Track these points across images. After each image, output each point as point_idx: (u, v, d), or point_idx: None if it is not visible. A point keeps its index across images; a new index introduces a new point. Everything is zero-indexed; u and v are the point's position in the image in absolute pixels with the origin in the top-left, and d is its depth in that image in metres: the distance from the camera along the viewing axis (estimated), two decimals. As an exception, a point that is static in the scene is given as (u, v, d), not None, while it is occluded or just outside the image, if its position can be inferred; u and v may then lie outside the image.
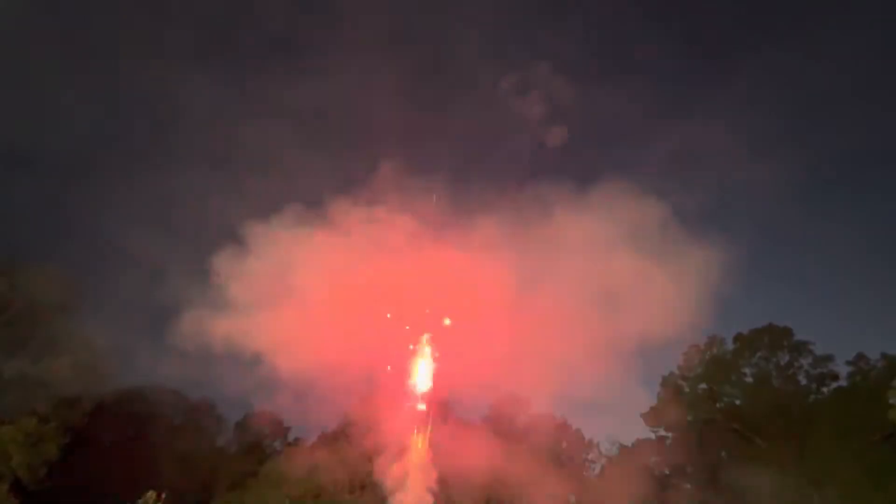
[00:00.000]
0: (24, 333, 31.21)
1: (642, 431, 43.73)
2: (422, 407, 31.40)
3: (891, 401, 30.09)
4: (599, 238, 30.42)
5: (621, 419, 43.87)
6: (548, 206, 31.08)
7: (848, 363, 37.50)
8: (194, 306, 29.42)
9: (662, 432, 42.61)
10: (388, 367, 31.49)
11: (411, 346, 31.32)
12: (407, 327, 31.38)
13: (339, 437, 42.31)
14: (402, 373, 34.03)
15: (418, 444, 31.85)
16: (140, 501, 26.24)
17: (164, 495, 26.08)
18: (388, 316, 30.80)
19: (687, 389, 40.07)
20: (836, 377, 37.89)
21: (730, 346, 40.30)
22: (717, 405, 39.67)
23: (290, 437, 45.59)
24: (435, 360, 33.25)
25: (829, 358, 38.16)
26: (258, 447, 42.11)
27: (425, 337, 32.90)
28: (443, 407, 44.12)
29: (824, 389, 38.13)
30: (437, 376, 33.66)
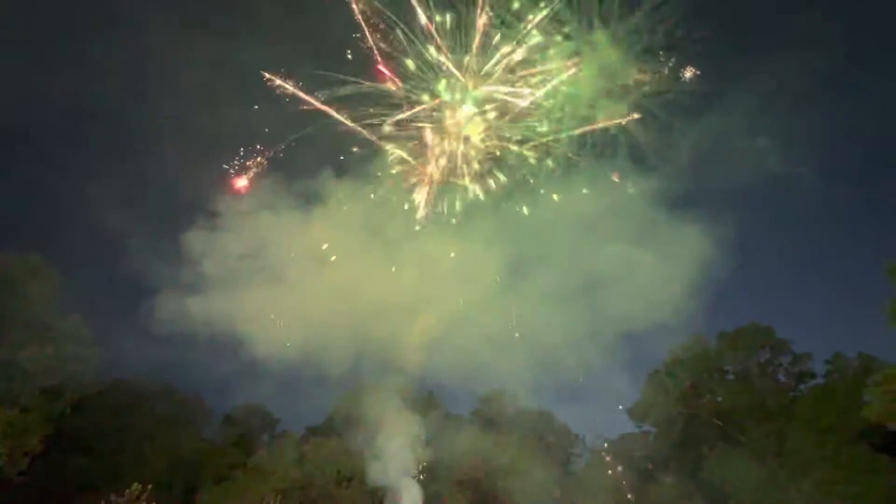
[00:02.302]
0: (7, 322, 30.40)
1: (627, 426, 44.70)
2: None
3: (866, 399, 31.06)
4: (587, 225, 30.65)
5: (607, 410, 44.59)
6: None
7: (826, 362, 38.69)
8: (170, 287, 28.68)
9: (647, 427, 43.55)
10: None
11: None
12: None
13: (326, 429, 42.32)
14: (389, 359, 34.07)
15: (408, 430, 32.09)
16: (125, 493, 25.83)
17: (149, 487, 25.68)
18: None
19: (671, 385, 40.86)
20: (813, 375, 39.04)
21: (714, 343, 41.22)
22: (701, 401, 40.55)
23: (278, 430, 45.51)
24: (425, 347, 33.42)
25: (807, 356, 39.30)
26: (246, 439, 41.85)
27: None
28: (431, 398, 44.49)
29: (802, 387, 39.26)
30: (428, 366, 33.87)
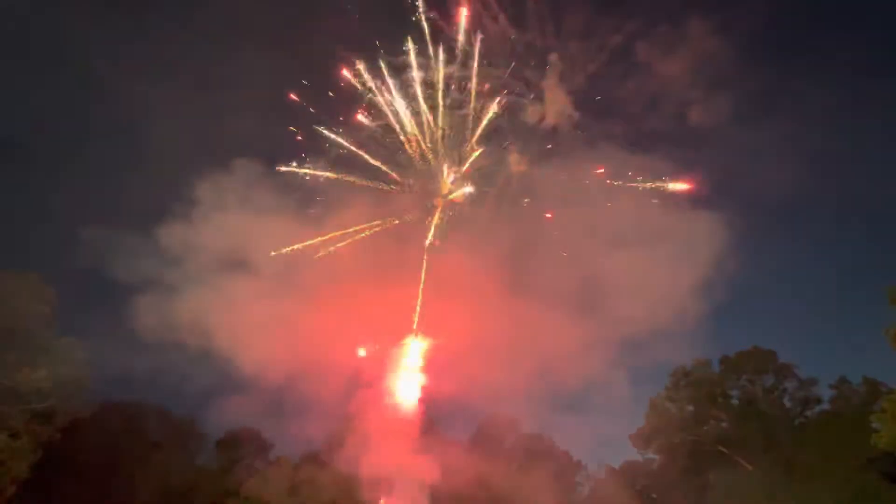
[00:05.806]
0: (5, 344, 29.96)
1: (630, 453, 43.68)
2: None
3: (874, 425, 30.44)
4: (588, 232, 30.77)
5: (609, 428, 43.34)
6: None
7: (831, 387, 38.08)
8: (150, 291, 27.99)
9: (650, 454, 42.57)
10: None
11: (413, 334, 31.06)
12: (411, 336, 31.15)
13: (322, 455, 41.35)
14: (386, 385, 33.47)
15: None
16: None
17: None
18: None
19: (674, 411, 40.10)
20: (819, 401, 38.40)
21: (716, 368, 40.65)
22: (704, 427, 39.72)
23: (273, 456, 44.46)
24: (423, 371, 32.92)
25: (813, 381, 38.73)
26: (239, 465, 40.89)
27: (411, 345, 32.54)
28: (430, 424, 43.59)
29: (808, 413, 38.56)
30: (425, 390, 33.31)
